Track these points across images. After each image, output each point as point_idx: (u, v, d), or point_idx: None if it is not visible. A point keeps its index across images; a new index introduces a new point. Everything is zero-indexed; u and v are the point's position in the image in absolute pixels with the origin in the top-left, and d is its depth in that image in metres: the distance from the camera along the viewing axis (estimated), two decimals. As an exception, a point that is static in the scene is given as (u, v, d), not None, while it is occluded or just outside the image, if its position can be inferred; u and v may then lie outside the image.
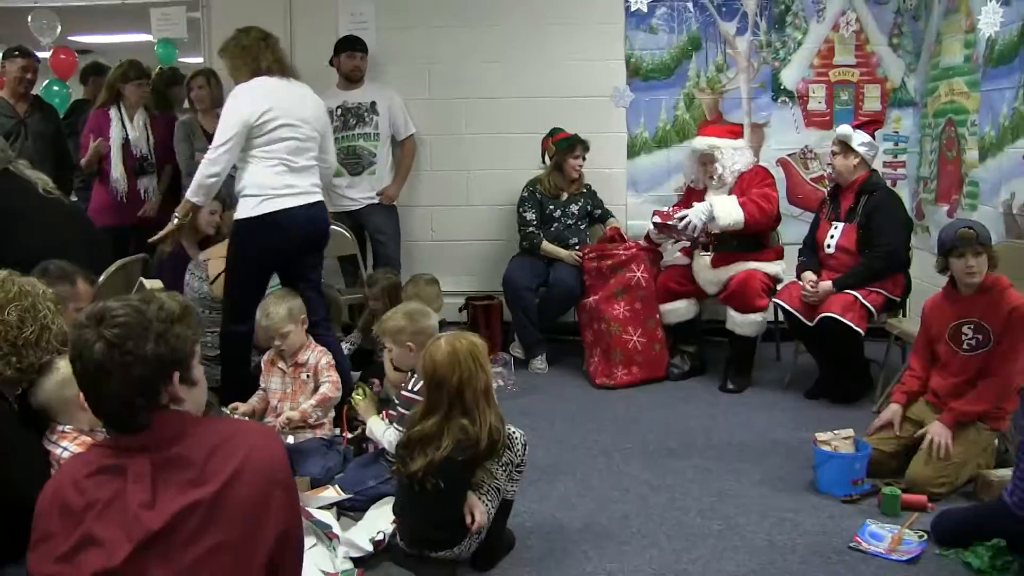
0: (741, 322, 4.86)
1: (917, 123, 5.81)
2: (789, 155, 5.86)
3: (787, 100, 5.85)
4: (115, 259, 4.33)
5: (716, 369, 5.20)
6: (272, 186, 3.89)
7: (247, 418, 3.75)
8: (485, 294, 5.78)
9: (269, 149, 3.89)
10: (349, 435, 3.79)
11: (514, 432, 2.93)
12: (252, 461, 1.69)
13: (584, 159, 5.46)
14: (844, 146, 4.69)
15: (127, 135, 5.39)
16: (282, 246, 3.96)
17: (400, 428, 3.20)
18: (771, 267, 5.00)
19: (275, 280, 4.84)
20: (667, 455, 3.95)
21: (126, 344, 1.67)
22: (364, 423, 3.51)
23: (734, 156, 5.01)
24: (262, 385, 3.93)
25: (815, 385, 4.79)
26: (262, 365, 3.95)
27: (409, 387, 3.29)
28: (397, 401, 3.36)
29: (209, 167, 3.86)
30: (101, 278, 4.17)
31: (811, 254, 4.84)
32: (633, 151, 5.93)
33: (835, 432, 3.63)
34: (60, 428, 2.68)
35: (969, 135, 5.09)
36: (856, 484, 3.47)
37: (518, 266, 5.37)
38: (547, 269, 5.38)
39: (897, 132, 5.90)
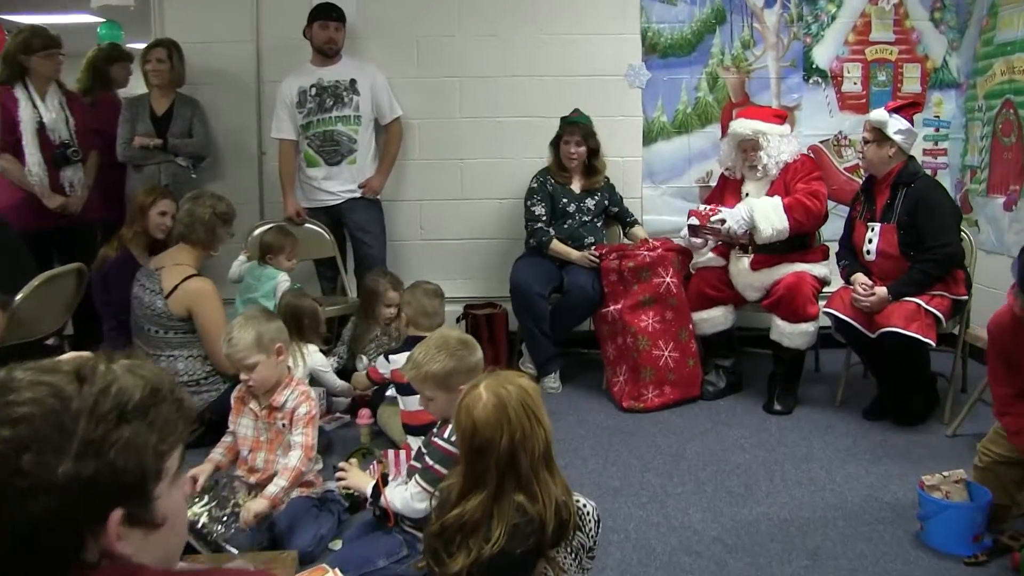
0: (790, 333, 4.23)
1: (961, 106, 5.24)
2: (822, 141, 5.25)
3: (819, 80, 5.24)
4: (37, 271, 3.59)
5: (754, 384, 4.60)
6: None
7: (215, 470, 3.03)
8: (486, 301, 5.10)
9: None
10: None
11: (584, 505, 2.23)
12: None
13: (586, 144, 4.77)
14: (878, 133, 4.07)
15: (41, 118, 4.56)
16: None
17: (426, 485, 2.51)
18: (819, 269, 4.38)
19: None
20: (730, 501, 3.29)
21: (20, 458, 0.97)
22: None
23: (780, 144, 4.38)
24: (231, 428, 3.17)
25: (874, 403, 4.20)
26: (232, 401, 3.19)
27: (445, 435, 2.57)
28: (425, 450, 2.64)
29: None
30: (18, 297, 3.44)
31: (852, 258, 4.23)
32: (649, 137, 5.28)
33: (944, 474, 3.00)
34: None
35: (1035, 118, 4.52)
36: (977, 540, 2.85)
37: (527, 268, 4.68)
38: (559, 272, 4.70)
39: (938, 117, 5.33)
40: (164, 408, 1.06)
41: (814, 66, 5.22)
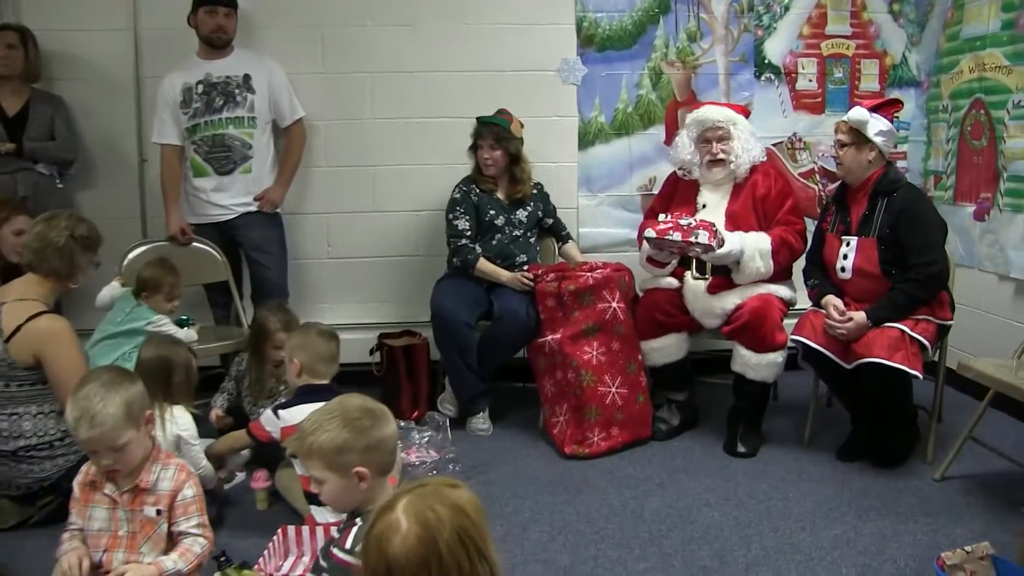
0: (756, 364, 3.70)
1: (922, 106, 4.81)
2: (775, 144, 4.77)
3: (772, 77, 4.75)
4: None
5: (710, 418, 4.08)
6: None
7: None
8: (404, 329, 4.46)
9: None
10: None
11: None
12: None
13: (502, 149, 4.17)
14: (856, 135, 3.59)
15: None
16: None
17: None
18: (784, 290, 3.86)
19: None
20: (704, 578, 2.73)
21: None
22: None
23: (750, 140, 3.87)
24: (72, 522, 2.43)
25: (849, 443, 3.71)
26: (75, 487, 2.47)
27: (348, 542, 1.94)
28: (325, 564, 1.99)
29: None
30: None
31: (823, 276, 3.73)
32: (586, 140, 4.71)
33: (966, 550, 2.48)
34: None
35: (1011, 119, 4.09)
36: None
37: (450, 292, 4.06)
38: (488, 296, 4.09)
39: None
40: None
41: (766, 61, 4.72)
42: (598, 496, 3.33)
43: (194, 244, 4.28)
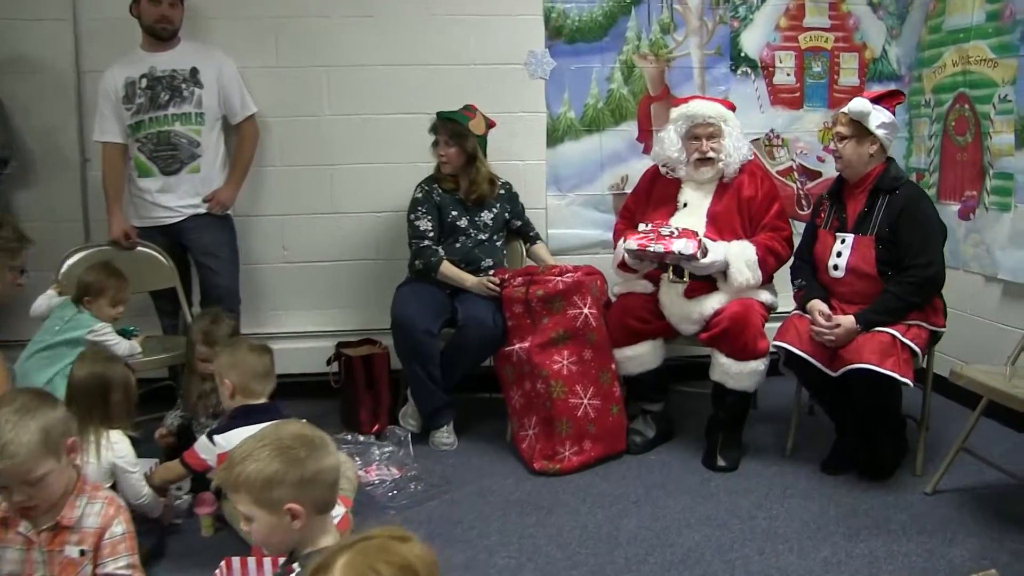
0: (737, 373, 3.49)
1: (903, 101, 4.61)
2: (752, 141, 4.52)
3: (748, 71, 4.56)
4: None
5: (686, 427, 3.89)
6: None
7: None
8: (363, 337, 4.22)
9: None
10: None
11: None
12: None
13: (458, 146, 3.93)
14: (858, 127, 3.39)
15: None
16: None
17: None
18: (765, 294, 3.66)
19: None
20: (685, 609, 2.51)
21: None
22: None
23: (740, 138, 3.67)
24: None
25: (833, 454, 3.51)
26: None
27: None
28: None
29: None
30: None
31: (811, 276, 3.53)
32: (555, 137, 4.49)
33: (973, 578, 2.28)
34: None
35: (997, 114, 3.92)
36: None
37: (412, 298, 3.82)
38: (451, 301, 3.86)
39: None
40: None
41: (742, 54, 4.53)
42: (570, 517, 3.10)
43: (139, 248, 4.02)
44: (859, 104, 3.41)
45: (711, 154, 3.63)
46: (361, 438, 3.65)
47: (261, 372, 2.84)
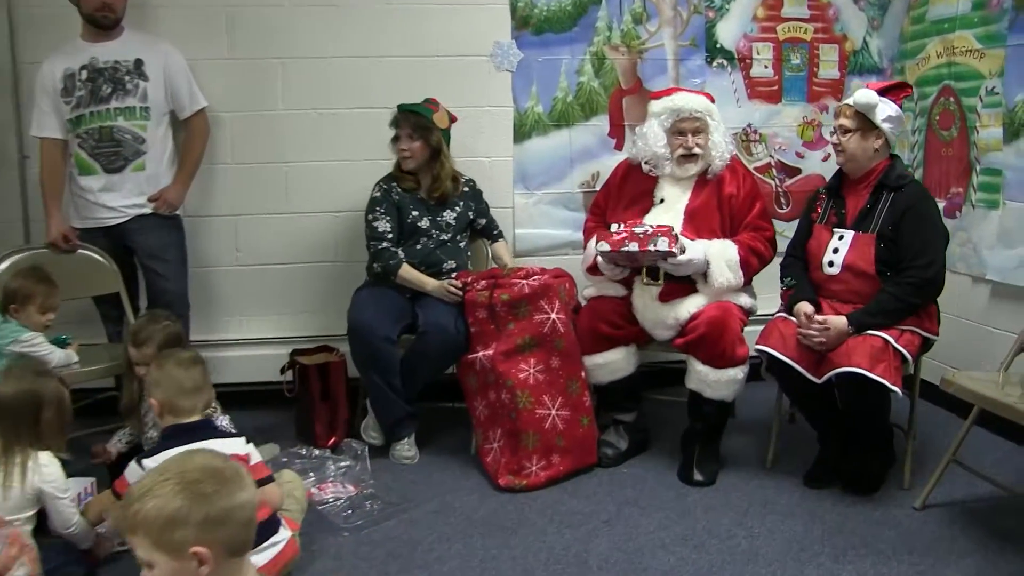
0: (715, 381, 3.29)
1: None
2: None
3: (725, 63, 4.36)
4: None
5: (661, 437, 3.71)
6: None
7: None
8: (320, 344, 3.99)
9: None
10: None
11: None
12: None
13: (422, 140, 3.72)
14: (863, 120, 3.20)
15: None
16: None
17: None
18: (744, 298, 3.46)
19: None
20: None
21: None
22: None
23: (725, 136, 3.48)
24: None
25: (817, 466, 3.32)
26: None
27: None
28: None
29: None
30: None
31: (802, 275, 3.34)
32: (522, 132, 4.27)
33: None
34: None
35: (984, 107, 3.75)
36: None
37: (370, 303, 3.59)
38: (412, 306, 3.63)
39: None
40: None
41: (718, 46, 4.33)
42: (536, 538, 2.89)
43: (80, 251, 3.77)
44: (866, 96, 3.22)
45: (697, 150, 3.43)
46: (316, 452, 3.43)
47: (190, 387, 2.59)
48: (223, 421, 3.08)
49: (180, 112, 3.89)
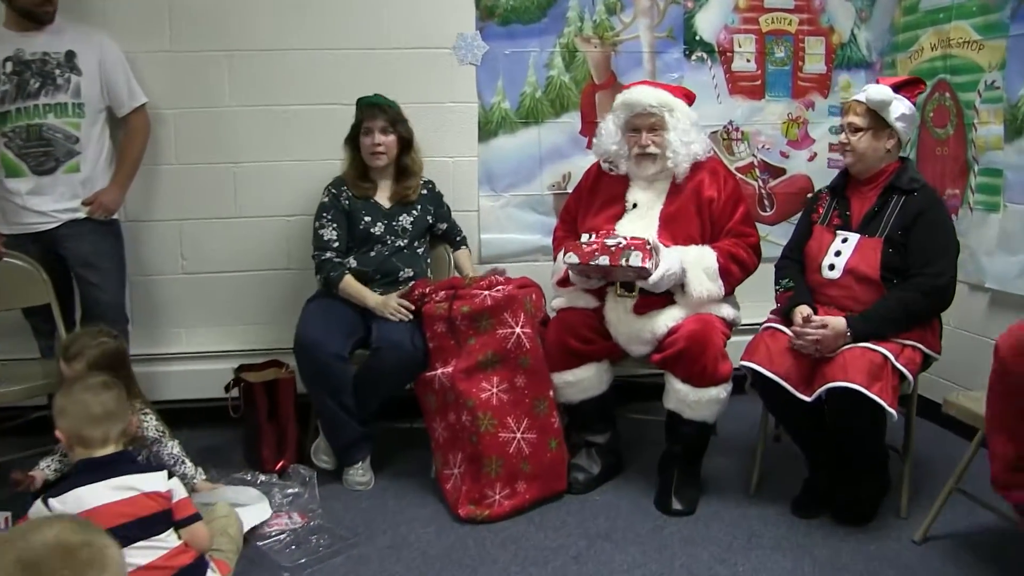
0: (695, 401, 3.02)
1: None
2: (709, 134, 4.07)
3: (704, 56, 4.10)
4: None
5: (635, 459, 3.44)
6: None
7: None
8: (270, 358, 3.70)
9: None
10: None
11: None
12: None
13: (396, 133, 3.49)
14: (875, 119, 2.96)
15: None
16: None
17: None
18: (727, 309, 3.19)
19: None
20: None
21: None
22: None
23: (691, 131, 3.18)
24: None
25: (805, 493, 3.06)
26: None
27: None
28: None
29: None
30: None
31: (800, 277, 3.09)
32: (488, 130, 3.99)
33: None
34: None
35: (983, 103, 3.51)
36: None
37: (319, 316, 3.31)
38: (363, 320, 3.35)
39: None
40: None
41: (697, 38, 4.07)
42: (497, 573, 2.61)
43: (7, 260, 3.47)
44: (879, 92, 2.97)
45: (651, 148, 3.16)
46: (263, 477, 3.15)
47: (98, 414, 2.29)
48: (172, 448, 2.83)
49: (118, 109, 3.61)
